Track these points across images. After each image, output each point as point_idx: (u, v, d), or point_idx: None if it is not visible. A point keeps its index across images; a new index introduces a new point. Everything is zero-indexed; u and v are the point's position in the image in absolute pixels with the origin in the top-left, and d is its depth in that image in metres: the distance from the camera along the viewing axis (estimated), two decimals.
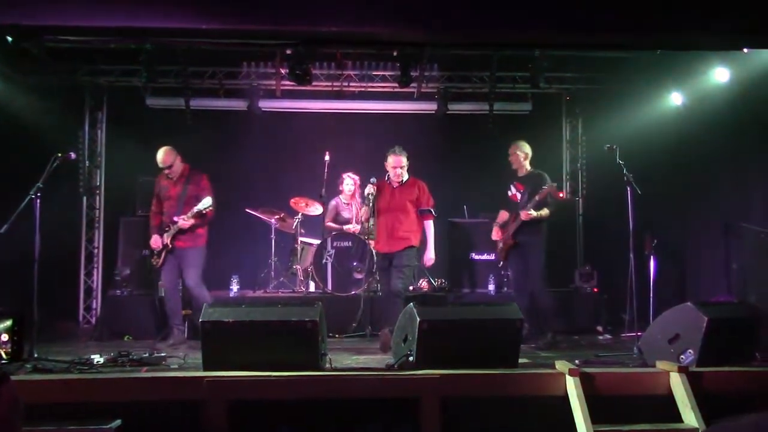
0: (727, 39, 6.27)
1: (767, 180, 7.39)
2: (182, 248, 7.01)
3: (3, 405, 1.93)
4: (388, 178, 6.88)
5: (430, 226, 6.90)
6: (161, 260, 7.07)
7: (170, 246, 7.00)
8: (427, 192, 6.87)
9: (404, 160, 6.79)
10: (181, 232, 6.97)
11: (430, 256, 6.95)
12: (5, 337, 5.25)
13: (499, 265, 7.87)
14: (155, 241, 7.07)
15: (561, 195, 7.21)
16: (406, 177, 6.85)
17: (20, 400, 1.97)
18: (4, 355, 5.24)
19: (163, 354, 5.68)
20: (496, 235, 7.23)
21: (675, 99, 8.86)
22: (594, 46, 7.72)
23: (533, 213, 6.79)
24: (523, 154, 7.14)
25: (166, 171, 7.17)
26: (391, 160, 6.79)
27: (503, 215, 7.30)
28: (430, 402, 4.64)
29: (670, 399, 4.67)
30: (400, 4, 5.97)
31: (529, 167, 7.17)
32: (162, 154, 7.15)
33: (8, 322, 5.27)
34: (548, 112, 10.15)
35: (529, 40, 7.25)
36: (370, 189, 6.86)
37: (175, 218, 6.98)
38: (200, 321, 4.94)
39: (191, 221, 6.94)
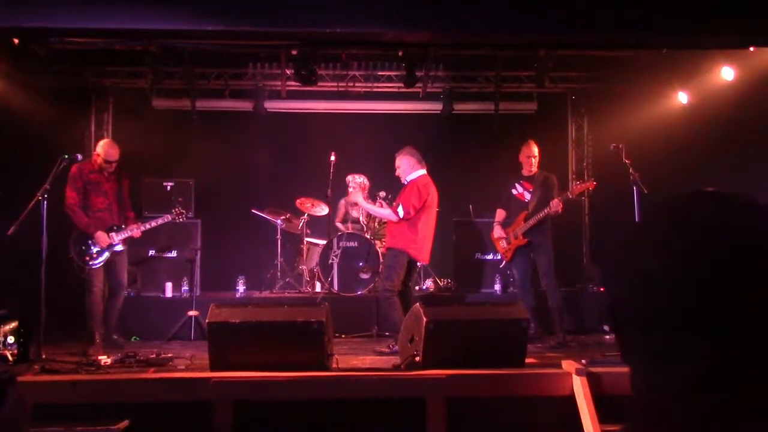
0: (734, 37, 6.26)
1: None
2: (121, 250, 6.82)
3: (9, 407, 1.93)
4: None
5: (388, 211, 6.60)
6: (102, 260, 6.69)
7: (121, 248, 6.74)
8: (407, 193, 6.52)
9: (397, 161, 6.71)
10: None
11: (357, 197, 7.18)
12: (11, 340, 5.27)
13: (501, 266, 7.84)
14: (104, 239, 6.62)
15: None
16: (405, 179, 6.69)
17: (26, 402, 1.97)
18: (10, 357, 5.26)
19: (170, 355, 5.70)
20: (499, 232, 7.23)
21: (681, 98, 8.85)
22: (599, 45, 7.72)
23: (560, 208, 6.82)
24: (537, 155, 7.18)
25: (113, 165, 6.77)
26: None
27: (501, 213, 7.32)
28: (436, 402, 4.64)
29: None
30: (404, 5, 5.98)
31: (536, 167, 7.20)
32: (113, 148, 6.80)
33: (13, 325, 5.30)
34: (554, 111, 10.14)
35: (534, 40, 7.25)
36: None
37: (140, 225, 6.85)
38: (207, 321, 4.96)
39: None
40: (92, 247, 6.62)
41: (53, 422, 4.23)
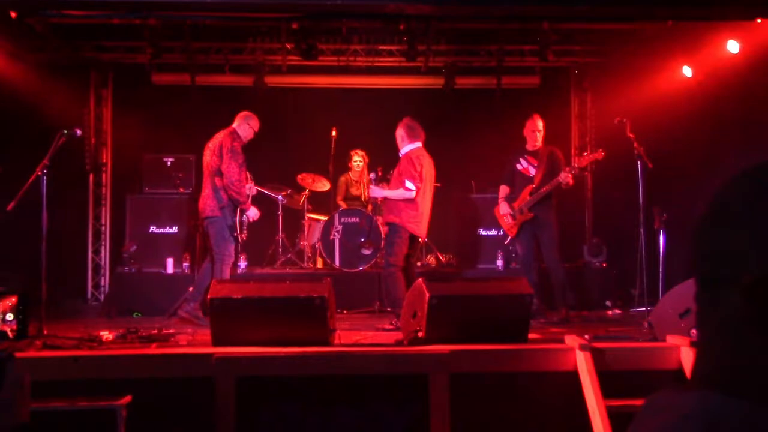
0: (740, 9, 6.17)
1: None
2: None
3: (7, 386, 1.90)
4: None
5: (400, 190, 6.44)
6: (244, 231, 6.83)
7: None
8: (404, 167, 6.43)
9: (397, 133, 6.65)
10: None
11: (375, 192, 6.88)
12: (10, 316, 5.24)
13: (506, 242, 7.73)
14: (256, 212, 6.87)
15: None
16: (400, 152, 6.60)
17: (26, 380, 1.94)
18: (9, 334, 5.24)
19: (171, 331, 5.70)
20: (506, 208, 7.14)
21: (685, 71, 8.76)
22: (603, 17, 7.63)
23: (570, 180, 6.79)
24: (542, 129, 7.08)
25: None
26: None
27: (505, 189, 7.23)
28: (439, 377, 4.63)
29: (680, 373, 4.65)
30: None
31: (540, 142, 7.11)
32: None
33: (12, 301, 5.27)
34: (557, 85, 10.06)
35: (537, 12, 7.16)
36: None
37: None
38: (209, 297, 4.94)
39: None
40: (241, 220, 6.68)
41: (55, 398, 4.23)
